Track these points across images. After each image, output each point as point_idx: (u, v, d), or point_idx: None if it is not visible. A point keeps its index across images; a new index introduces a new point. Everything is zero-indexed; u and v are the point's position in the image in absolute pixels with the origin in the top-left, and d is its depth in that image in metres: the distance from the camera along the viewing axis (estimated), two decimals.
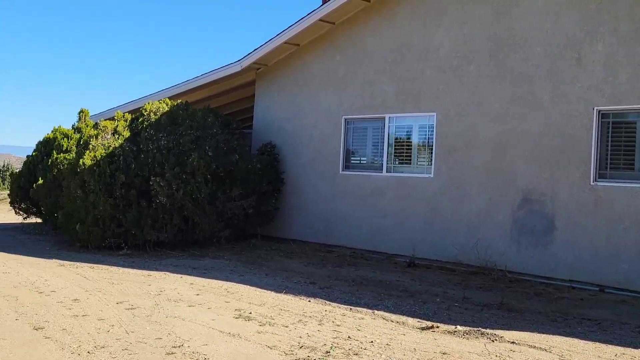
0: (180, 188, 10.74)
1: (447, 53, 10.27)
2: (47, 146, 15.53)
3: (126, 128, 11.93)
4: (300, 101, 12.33)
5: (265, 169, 11.98)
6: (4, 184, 53.94)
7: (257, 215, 11.78)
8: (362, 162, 11.62)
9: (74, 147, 14.34)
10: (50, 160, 14.61)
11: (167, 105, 12.14)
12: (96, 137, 11.60)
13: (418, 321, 6.61)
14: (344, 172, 11.57)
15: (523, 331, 6.26)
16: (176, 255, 10.66)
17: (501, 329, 6.33)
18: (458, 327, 6.33)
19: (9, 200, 16.72)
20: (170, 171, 10.88)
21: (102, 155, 11.15)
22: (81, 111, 15.54)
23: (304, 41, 12.21)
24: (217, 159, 11.31)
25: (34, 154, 15.65)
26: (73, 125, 15.36)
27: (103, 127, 11.72)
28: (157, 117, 11.85)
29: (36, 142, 15.98)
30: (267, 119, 12.96)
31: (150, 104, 12.19)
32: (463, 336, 5.99)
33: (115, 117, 12.26)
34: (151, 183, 10.89)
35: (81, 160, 11.17)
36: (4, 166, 56.29)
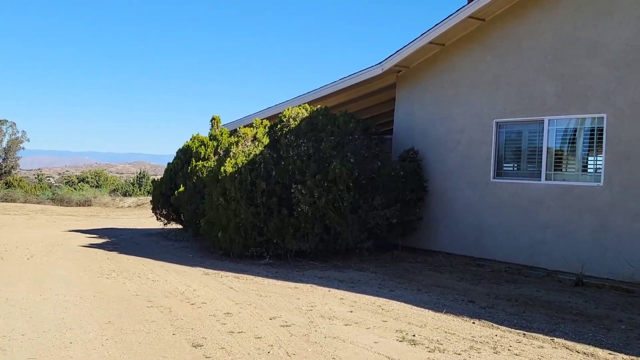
0: (322, 196, 10.31)
1: (620, 47, 9.14)
2: (186, 154, 15.76)
3: (265, 135, 11.72)
4: (446, 104, 11.58)
5: (408, 176, 11.32)
6: (140, 190, 57.07)
7: (399, 225, 11.14)
8: (516, 169, 10.66)
9: (211, 155, 14.43)
10: (189, 167, 14.80)
11: (306, 110, 11.80)
12: (236, 144, 11.46)
13: (610, 353, 5.69)
14: (496, 180, 10.67)
15: None
16: (318, 266, 10.24)
17: None
18: None
19: (150, 205, 17.20)
20: (311, 179, 10.50)
21: (242, 163, 10.97)
22: (213, 118, 15.68)
23: (450, 41, 11.45)
24: (358, 166, 10.81)
25: (174, 161, 15.95)
26: (209, 132, 15.49)
27: (243, 134, 11.56)
28: (296, 123, 11.54)
29: (176, 150, 16.28)
30: (409, 123, 12.30)
31: (290, 109, 11.90)
32: None
33: (254, 124, 12.08)
34: (292, 191, 10.56)
35: (222, 168, 11.05)
36: (140, 173, 59.49)
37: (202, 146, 14.95)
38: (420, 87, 12.14)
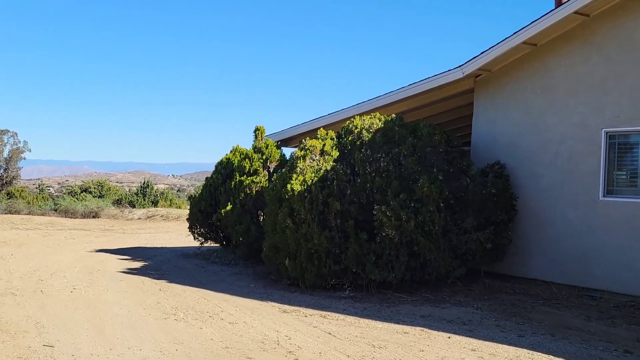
0: (411, 219, 8.94)
1: None
2: (227, 168, 14.40)
3: (334, 147, 10.36)
4: (540, 112, 10.24)
5: (499, 194, 9.97)
6: (144, 200, 55.67)
7: (492, 250, 9.77)
8: (631, 185, 9.31)
9: (260, 169, 13.07)
10: (232, 183, 13.43)
11: (380, 120, 10.45)
12: (303, 159, 10.10)
13: None
14: (606, 199, 9.32)
15: None
16: (408, 300, 8.88)
17: None
18: None
19: (161, 219, 15.83)
20: (393, 199, 9.14)
21: (312, 180, 9.62)
22: (257, 129, 14.29)
23: (542, 41, 10.14)
24: (446, 183, 9.47)
25: (213, 176, 14.58)
26: (253, 144, 14.11)
27: (310, 146, 10.19)
28: (369, 134, 10.18)
29: (215, 163, 14.92)
30: (491, 134, 10.96)
31: (360, 119, 10.55)
32: None
33: (319, 135, 10.70)
34: (374, 212, 9.20)
35: (288, 185, 9.69)
36: (144, 183, 58.07)
37: (247, 159, 13.56)
38: (504, 93, 10.80)
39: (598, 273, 9.30)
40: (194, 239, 14.92)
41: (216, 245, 15.34)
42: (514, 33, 9.98)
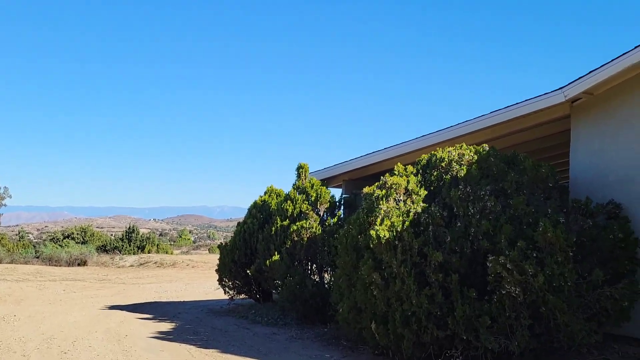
0: (539, 272, 7.14)
1: None
2: (263, 211, 12.58)
3: (419, 184, 8.61)
4: None
5: (626, 240, 8.25)
6: (130, 246, 53.54)
7: (627, 308, 7.99)
8: None
9: (310, 212, 11.24)
10: (273, 229, 11.59)
11: (471, 151, 8.75)
12: (386, 199, 8.31)
13: None
14: None
15: None
16: None
17: None
18: None
19: (155, 265, 13.91)
20: (507, 247, 7.35)
21: (401, 224, 7.82)
22: (300, 167, 12.48)
23: None
24: (566, 227, 7.73)
25: (248, 220, 12.75)
26: (295, 184, 12.29)
27: (394, 184, 8.40)
28: (463, 168, 8.46)
29: (248, 207, 13.09)
30: (597, 167, 9.26)
31: (445, 151, 8.86)
32: None
33: (396, 171, 8.94)
34: (488, 265, 7.40)
35: (372, 232, 7.88)
36: (129, 228, 55.85)
37: (288, 201, 11.73)
38: (614, 118, 9.16)
39: None
40: (225, 292, 12.98)
41: (248, 299, 13.42)
42: (635, 47, 8.39)
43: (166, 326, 10.65)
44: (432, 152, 9.14)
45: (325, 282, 10.88)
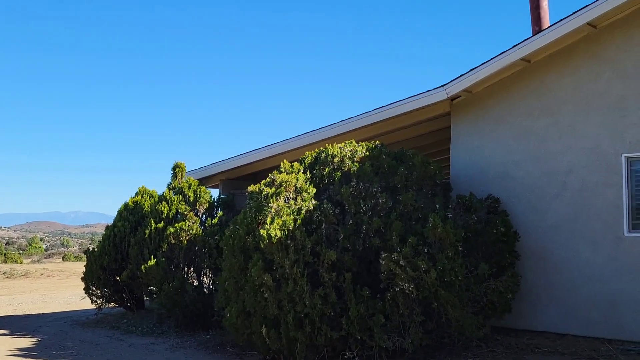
0: (431, 268, 7.09)
1: None
2: (135, 213, 11.77)
3: (308, 182, 8.32)
4: (539, 138, 8.93)
5: (507, 234, 8.50)
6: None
7: (510, 300, 8.20)
8: None
9: (189, 213, 10.62)
10: (147, 231, 10.85)
11: (363, 147, 8.62)
12: (276, 197, 7.94)
13: None
14: (634, 234, 8.12)
15: None
16: None
17: None
18: None
19: (20, 273, 12.79)
20: (398, 243, 7.28)
21: (293, 223, 7.51)
22: (177, 166, 11.77)
23: (539, 56, 8.93)
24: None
25: (117, 224, 11.84)
26: (171, 184, 11.56)
27: (284, 182, 8.04)
28: (355, 165, 8.30)
29: (117, 209, 12.18)
30: (477, 164, 9.50)
31: (336, 147, 8.65)
32: None
33: (282, 168, 8.56)
34: (381, 262, 7.27)
35: (263, 231, 7.50)
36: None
37: (163, 202, 11.02)
38: (491, 116, 9.43)
39: (631, 322, 8.01)
40: (92, 302, 11.97)
41: (118, 307, 12.49)
42: (513, 46, 8.69)
43: (26, 342, 9.58)
44: (322, 148, 8.92)
45: (205, 286, 10.32)
